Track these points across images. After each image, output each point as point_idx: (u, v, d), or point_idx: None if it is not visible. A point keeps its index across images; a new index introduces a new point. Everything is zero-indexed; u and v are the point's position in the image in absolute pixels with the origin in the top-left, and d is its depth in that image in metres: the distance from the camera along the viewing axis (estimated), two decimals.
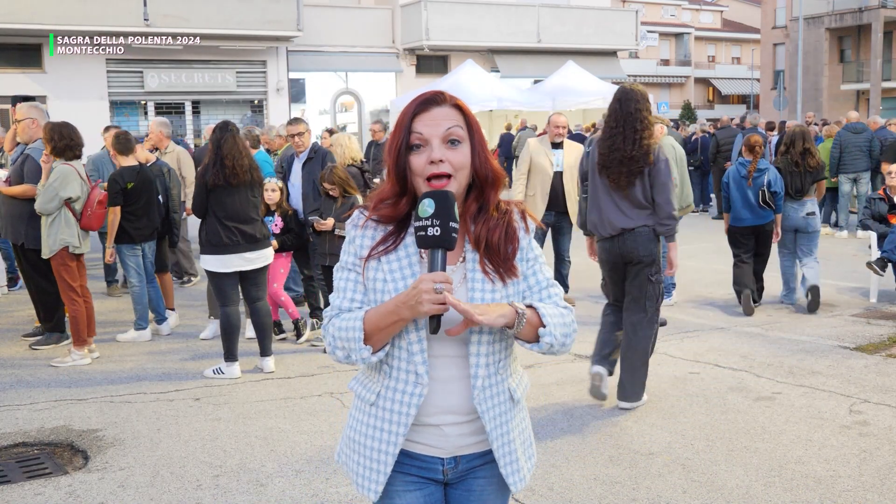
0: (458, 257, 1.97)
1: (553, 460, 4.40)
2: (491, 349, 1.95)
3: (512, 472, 2.01)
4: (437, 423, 1.95)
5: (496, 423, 1.96)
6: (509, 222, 1.99)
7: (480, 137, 1.97)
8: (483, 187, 1.97)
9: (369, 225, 1.98)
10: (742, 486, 4.08)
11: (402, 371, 1.93)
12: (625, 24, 29.16)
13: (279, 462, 4.43)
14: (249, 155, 6.09)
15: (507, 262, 1.96)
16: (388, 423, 1.95)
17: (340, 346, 1.93)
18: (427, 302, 1.77)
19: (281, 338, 6.97)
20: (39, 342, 6.89)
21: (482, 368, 1.94)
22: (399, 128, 1.94)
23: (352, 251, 1.99)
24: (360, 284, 1.97)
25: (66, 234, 6.27)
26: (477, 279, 1.93)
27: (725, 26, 61.62)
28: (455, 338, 1.92)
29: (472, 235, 1.96)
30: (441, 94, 1.96)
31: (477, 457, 2.02)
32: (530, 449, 2.12)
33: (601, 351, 5.34)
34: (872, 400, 5.29)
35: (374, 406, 1.98)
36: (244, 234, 5.94)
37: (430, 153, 1.89)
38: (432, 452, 1.99)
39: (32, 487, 4.16)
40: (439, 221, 1.81)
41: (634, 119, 4.96)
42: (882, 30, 36.78)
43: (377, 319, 1.87)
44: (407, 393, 1.93)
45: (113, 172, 7.18)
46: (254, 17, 22.68)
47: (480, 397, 1.94)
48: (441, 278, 1.78)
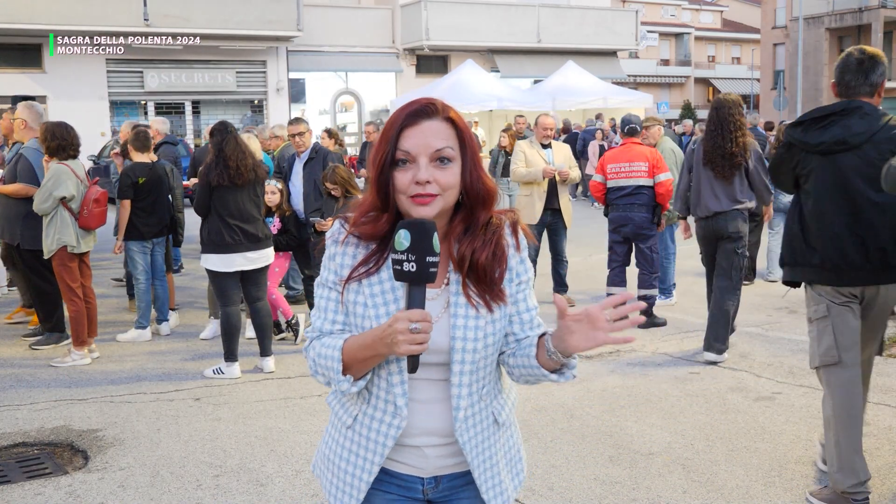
0: (441, 280, 1.84)
1: (553, 460, 4.40)
2: (474, 377, 1.85)
3: (495, 495, 1.93)
4: (417, 444, 1.88)
5: (478, 450, 1.89)
6: (498, 241, 1.85)
7: (473, 153, 1.82)
8: (473, 207, 1.83)
9: (350, 241, 1.86)
10: (742, 486, 4.08)
11: (381, 400, 1.85)
12: (625, 24, 29.17)
13: (279, 462, 4.43)
14: (252, 154, 6.12)
15: (493, 287, 1.83)
16: (363, 450, 1.89)
17: (322, 372, 1.85)
18: (403, 343, 1.65)
19: (280, 338, 6.97)
20: (39, 342, 6.89)
21: (464, 399, 1.84)
22: (384, 139, 1.79)
23: (332, 268, 1.87)
24: (340, 305, 1.87)
25: (63, 233, 6.27)
26: (460, 305, 1.82)
27: (725, 26, 61.63)
28: (437, 362, 1.82)
29: (456, 255, 1.82)
30: (433, 104, 1.80)
31: (458, 476, 1.94)
32: (518, 465, 2.02)
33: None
34: (872, 400, 5.28)
35: (350, 430, 1.91)
36: (246, 233, 5.95)
37: (416, 172, 1.74)
38: (412, 472, 1.91)
39: (32, 487, 4.16)
40: (415, 256, 1.67)
41: (729, 122, 6.04)
42: (882, 30, 36.78)
43: (355, 352, 1.77)
44: (385, 423, 1.85)
45: (125, 167, 7.23)
46: (254, 17, 22.68)
47: (462, 428, 1.85)
48: (417, 317, 1.65)
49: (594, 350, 6.70)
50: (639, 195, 7.32)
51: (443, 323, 1.82)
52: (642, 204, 7.31)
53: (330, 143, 10.85)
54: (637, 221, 7.31)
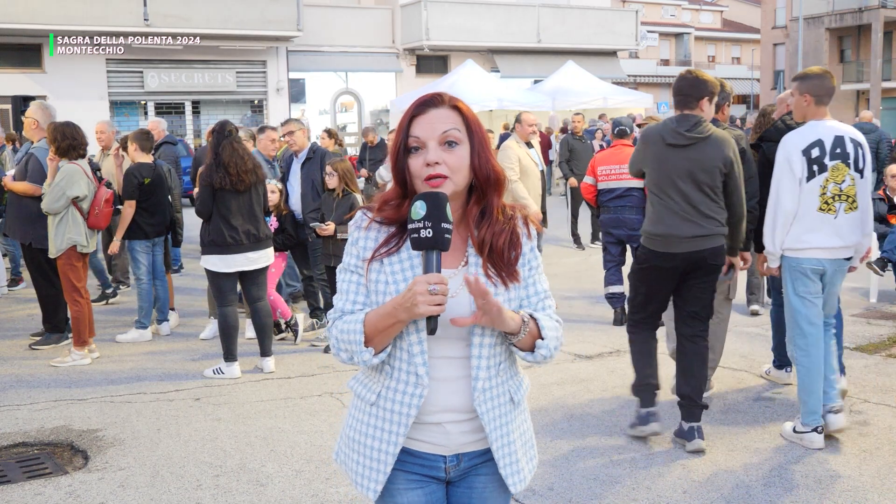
0: (460, 260, 1.97)
1: (553, 460, 4.40)
2: (492, 352, 1.96)
3: (512, 472, 2.01)
4: (438, 420, 1.96)
5: (496, 423, 1.98)
6: (514, 228, 2.00)
7: (481, 138, 1.96)
8: (484, 189, 1.96)
9: (372, 227, 1.98)
10: (742, 486, 4.08)
11: (403, 372, 1.94)
12: (625, 24, 29.17)
13: (279, 462, 4.43)
14: (251, 156, 6.10)
15: (510, 267, 1.97)
16: (388, 423, 1.96)
17: (344, 348, 1.93)
18: (422, 303, 1.77)
19: (280, 337, 6.97)
20: (40, 342, 6.89)
21: (483, 370, 1.94)
22: (398, 131, 1.95)
23: (354, 253, 1.99)
24: (362, 286, 1.97)
25: (74, 232, 6.28)
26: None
27: (725, 26, 61.62)
28: (456, 339, 1.93)
29: (476, 239, 1.96)
30: (440, 95, 1.96)
31: (479, 454, 2.02)
32: (532, 450, 2.12)
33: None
34: (872, 400, 5.29)
35: (374, 406, 1.99)
36: (248, 233, 5.95)
37: (426, 155, 1.89)
38: (435, 450, 1.99)
39: (32, 487, 4.16)
40: (431, 223, 1.80)
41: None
42: (882, 30, 36.79)
43: (376, 321, 1.87)
44: (408, 394, 1.93)
45: (130, 167, 7.24)
46: (254, 17, 22.68)
47: (480, 399, 1.95)
48: (435, 279, 1.78)
49: (594, 350, 6.70)
50: (629, 197, 7.32)
51: (463, 298, 1.91)
52: (633, 206, 7.30)
53: (329, 144, 10.86)
54: (628, 223, 7.31)
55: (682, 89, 4.47)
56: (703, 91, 4.44)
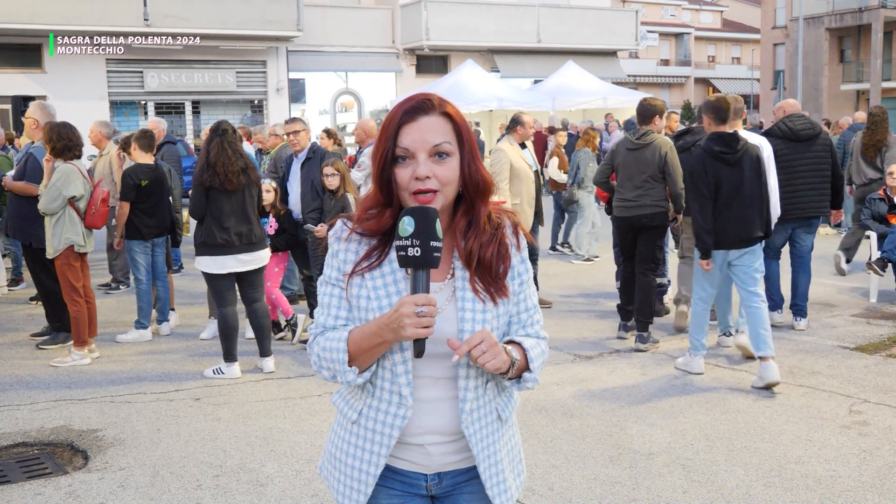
0: (446, 273, 1.88)
1: (553, 460, 4.40)
2: (479, 371, 1.88)
3: (499, 492, 1.95)
4: (420, 442, 1.89)
5: (483, 444, 1.91)
6: (502, 239, 1.90)
7: (471, 146, 1.86)
8: (473, 199, 1.87)
9: (353, 238, 1.89)
10: (742, 486, 4.08)
11: (386, 391, 1.87)
12: (625, 24, 29.18)
13: (279, 462, 4.43)
14: (242, 156, 5.99)
15: (498, 282, 1.88)
16: (369, 443, 1.89)
17: (326, 366, 1.86)
18: (409, 326, 1.69)
19: (279, 337, 6.97)
20: (46, 342, 6.90)
21: (471, 391, 1.87)
22: (384, 136, 1.82)
23: (335, 265, 1.90)
24: (343, 300, 1.89)
25: (71, 232, 6.29)
26: (467, 298, 1.85)
27: (725, 26, 61.62)
28: (442, 358, 1.84)
29: (463, 251, 1.86)
30: (429, 100, 1.84)
31: (462, 472, 1.96)
32: (519, 465, 2.05)
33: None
34: (872, 400, 5.29)
35: (355, 424, 1.92)
36: (240, 235, 5.92)
37: (415, 168, 1.78)
38: (416, 469, 1.93)
39: (32, 487, 4.16)
40: (419, 241, 1.70)
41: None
42: (882, 30, 36.78)
43: (360, 340, 1.80)
44: (390, 414, 1.86)
45: (127, 168, 7.23)
46: (254, 17, 22.68)
47: (468, 420, 1.88)
48: (423, 301, 1.69)
49: (594, 350, 6.70)
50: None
51: (450, 313, 1.84)
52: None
53: (329, 144, 10.84)
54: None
55: (641, 111, 6.68)
56: (654, 112, 6.62)
